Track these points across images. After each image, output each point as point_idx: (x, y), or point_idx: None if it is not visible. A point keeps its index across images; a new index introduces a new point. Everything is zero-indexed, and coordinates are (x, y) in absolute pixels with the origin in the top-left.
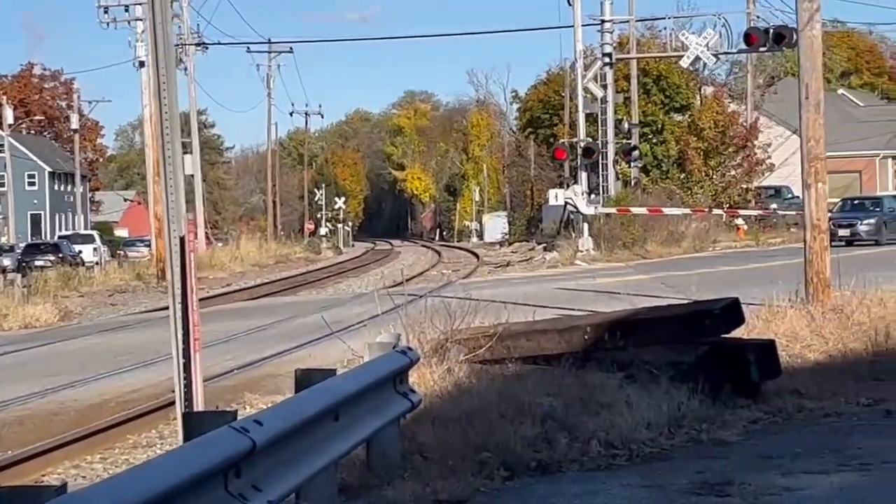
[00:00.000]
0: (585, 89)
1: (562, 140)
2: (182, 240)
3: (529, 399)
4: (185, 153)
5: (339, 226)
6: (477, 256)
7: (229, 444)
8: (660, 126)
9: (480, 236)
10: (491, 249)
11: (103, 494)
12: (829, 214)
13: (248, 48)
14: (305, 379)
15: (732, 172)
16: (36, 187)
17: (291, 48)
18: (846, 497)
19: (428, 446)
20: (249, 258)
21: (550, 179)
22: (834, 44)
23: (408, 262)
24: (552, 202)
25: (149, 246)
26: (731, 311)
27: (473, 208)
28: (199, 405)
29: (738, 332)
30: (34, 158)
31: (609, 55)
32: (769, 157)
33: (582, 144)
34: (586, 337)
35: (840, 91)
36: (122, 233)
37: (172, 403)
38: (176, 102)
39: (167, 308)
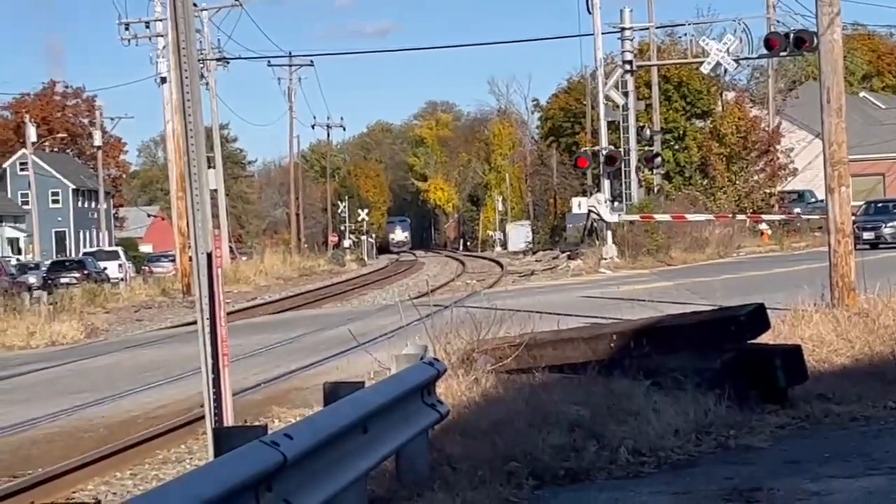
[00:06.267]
0: (607, 97)
1: (584, 148)
2: (209, 255)
3: (557, 408)
4: (208, 168)
5: (363, 237)
6: (501, 266)
7: (260, 459)
8: (682, 132)
9: (504, 245)
10: (515, 258)
11: None
12: (853, 218)
13: (269, 62)
14: (334, 392)
15: (755, 177)
16: (60, 205)
17: (312, 61)
18: (875, 501)
19: (456, 457)
20: (274, 271)
21: (573, 188)
22: (855, 46)
23: (432, 272)
24: (575, 210)
25: (173, 261)
26: (757, 317)
27: (497, 218)
28: (228, 420)
29: (763, 338)
30: (58, 176)
31: (629, 62)
32: (792, 162)
33: (604, 152)
34: (612, 345)
35: (862, 94)
36: (146, 248)
37: (201, 418)
38: (201, 119)
39: (193, 323)
